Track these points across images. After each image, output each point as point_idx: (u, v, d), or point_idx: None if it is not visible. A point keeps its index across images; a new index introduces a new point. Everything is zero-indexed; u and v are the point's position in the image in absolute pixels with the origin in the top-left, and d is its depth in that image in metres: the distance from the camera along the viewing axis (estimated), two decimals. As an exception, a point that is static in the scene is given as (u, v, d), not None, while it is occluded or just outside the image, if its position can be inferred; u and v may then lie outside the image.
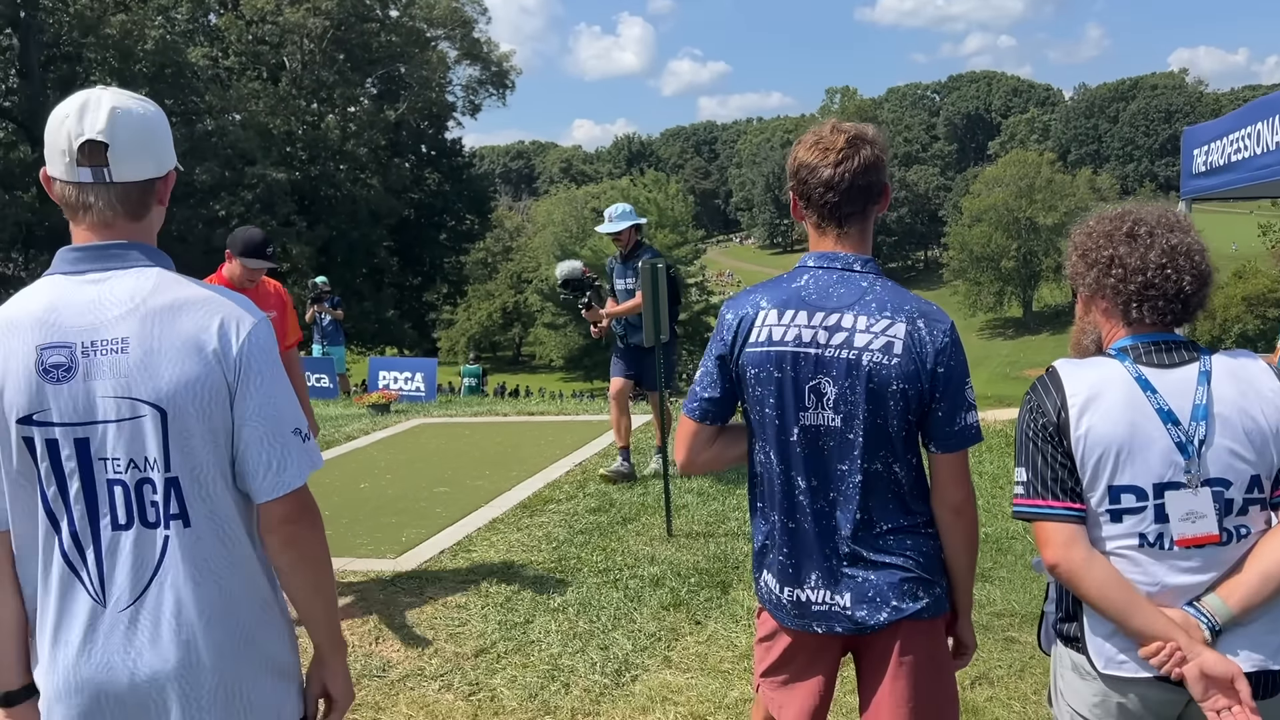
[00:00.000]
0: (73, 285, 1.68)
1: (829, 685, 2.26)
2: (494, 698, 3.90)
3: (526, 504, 6.71)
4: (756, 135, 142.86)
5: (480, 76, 53.79)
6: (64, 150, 1.66)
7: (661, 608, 4.79)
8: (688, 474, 2.25)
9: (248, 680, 1.72)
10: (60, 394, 1.63)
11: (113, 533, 1.65)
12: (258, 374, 1.68)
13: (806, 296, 2.13)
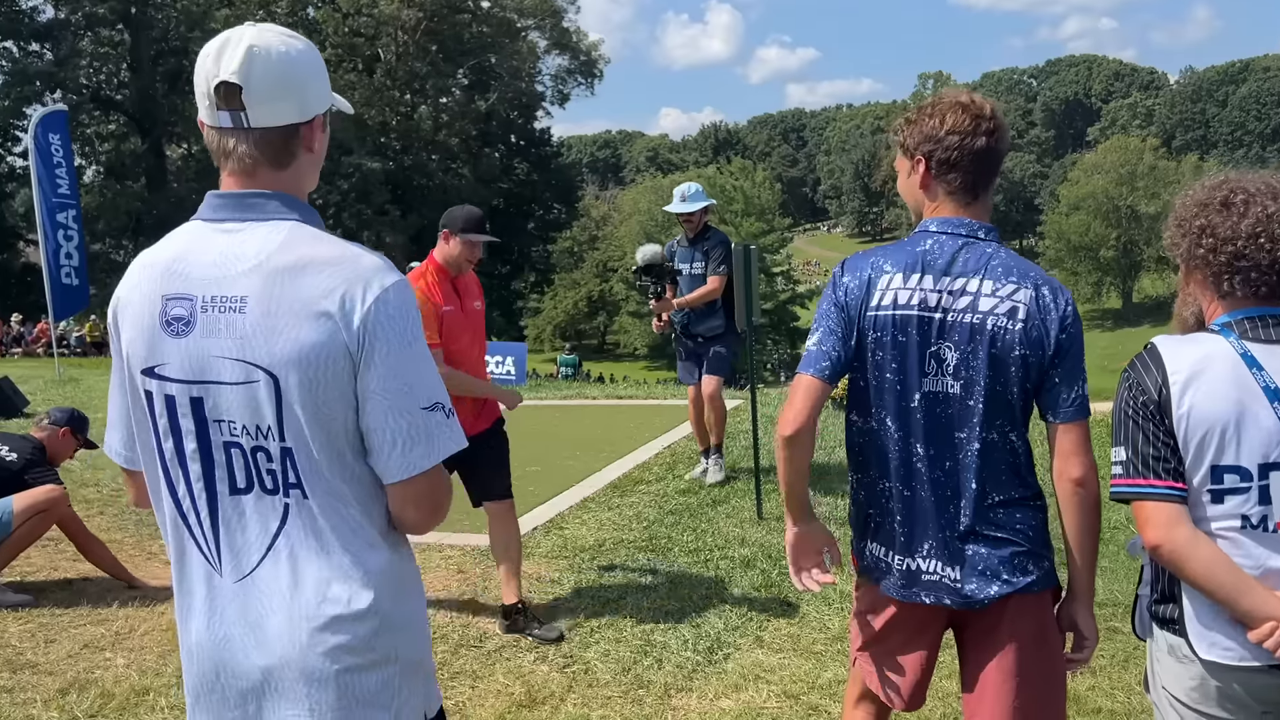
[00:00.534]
0: (208, 233, 1.57)
1: (930, 661, 2.23)
2: (588, 670, 3.95)
3: (617, 484, 6.76)
4: (846, 122, 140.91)
5: (569, 66, 54.17)
6: (204, 93, 1.55)
7: (753, 588, 4.79)
8: (792, 442, 2.12)
9: (367, 672, 1.56)
10: (179, 348, 1.52)
11: (230, 497, 1.55)
12: (384, 342, 1.49)
13: (931, 260, 2.10)
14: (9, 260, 41.52)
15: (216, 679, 1.59)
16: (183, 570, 1.61)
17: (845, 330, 2.12)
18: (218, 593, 1.57)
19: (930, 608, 2.14)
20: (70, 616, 4.41)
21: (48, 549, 5.22)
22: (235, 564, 1.56)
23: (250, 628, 1.55)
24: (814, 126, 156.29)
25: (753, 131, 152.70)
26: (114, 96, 43.88)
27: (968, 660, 2.19)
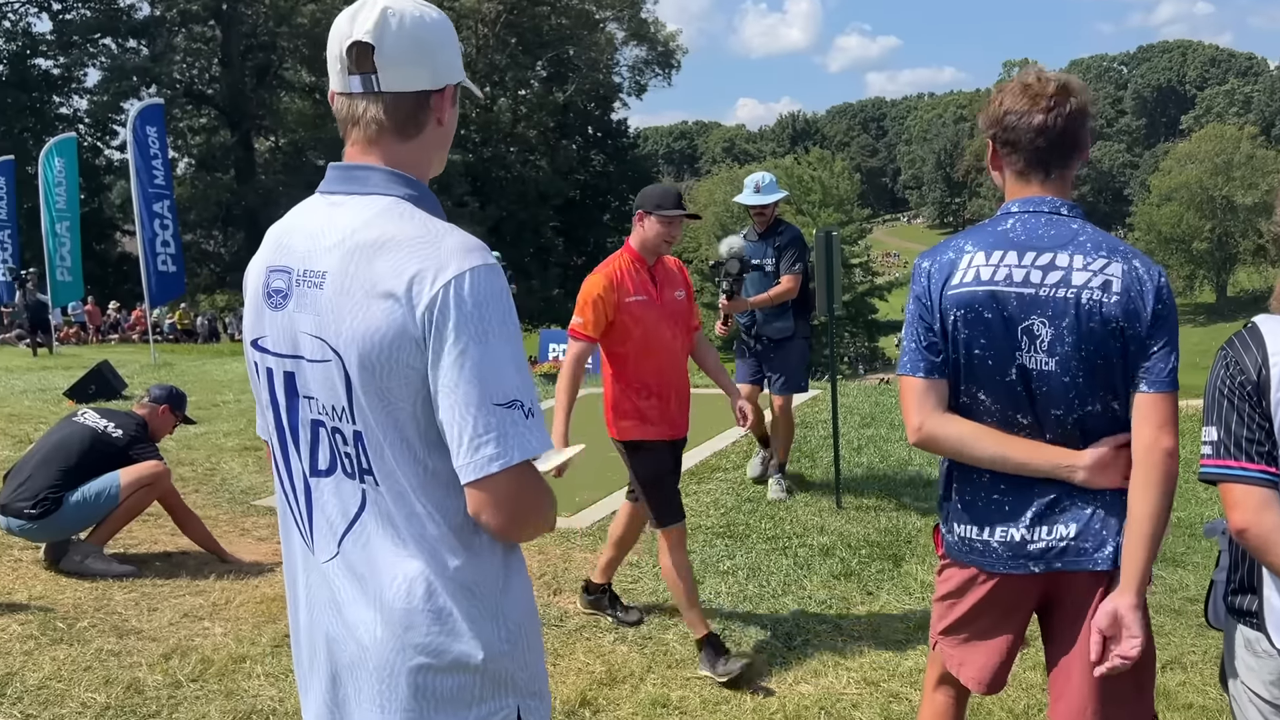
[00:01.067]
0: (317, 205, 1.53)
1: (1014, 644, 2.21)
2: (667, 651, 3.99)
3: (694, 471, 6.78)
4: (928, 111, 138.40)
5: (646, 57, 54.15)
6: (337, 56, 1.49)
7: (832, 577, 4.78)
8: (925, 445, 2.11)
9: (442, 674, 1.46)
10: (276, 321, 1.50)
11: (316, 476, 1.51)
12: (453, 331, 1.37)
13: (1015, 238, 2.09)
14: (106, 250, 43.12)
15: (312, 657, 1.58)
16: (288, 545, 1.61)
17: (929, 317, 2.12)
18: (312, 571, 1.55)
19: (1027, 583, 2.11)
20: (170, 587, 4.59)
21: (148, 523, 5.45)
22: (324, 545, 1.52)
23: (336, 611, 1.51)
24: (894, 116, 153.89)
25: (831, 121, 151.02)
26: (205, 91, 45.24)
27: (1056, 638, 2.17)
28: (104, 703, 3.36)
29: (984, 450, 2.09)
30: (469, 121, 46.70)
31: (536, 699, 1.56)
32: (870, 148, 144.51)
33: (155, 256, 16.65)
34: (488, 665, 1.47)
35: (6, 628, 3.94)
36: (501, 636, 1.49)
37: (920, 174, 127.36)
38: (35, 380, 12.58)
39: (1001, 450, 2.08)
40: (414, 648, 1.45)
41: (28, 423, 8.87)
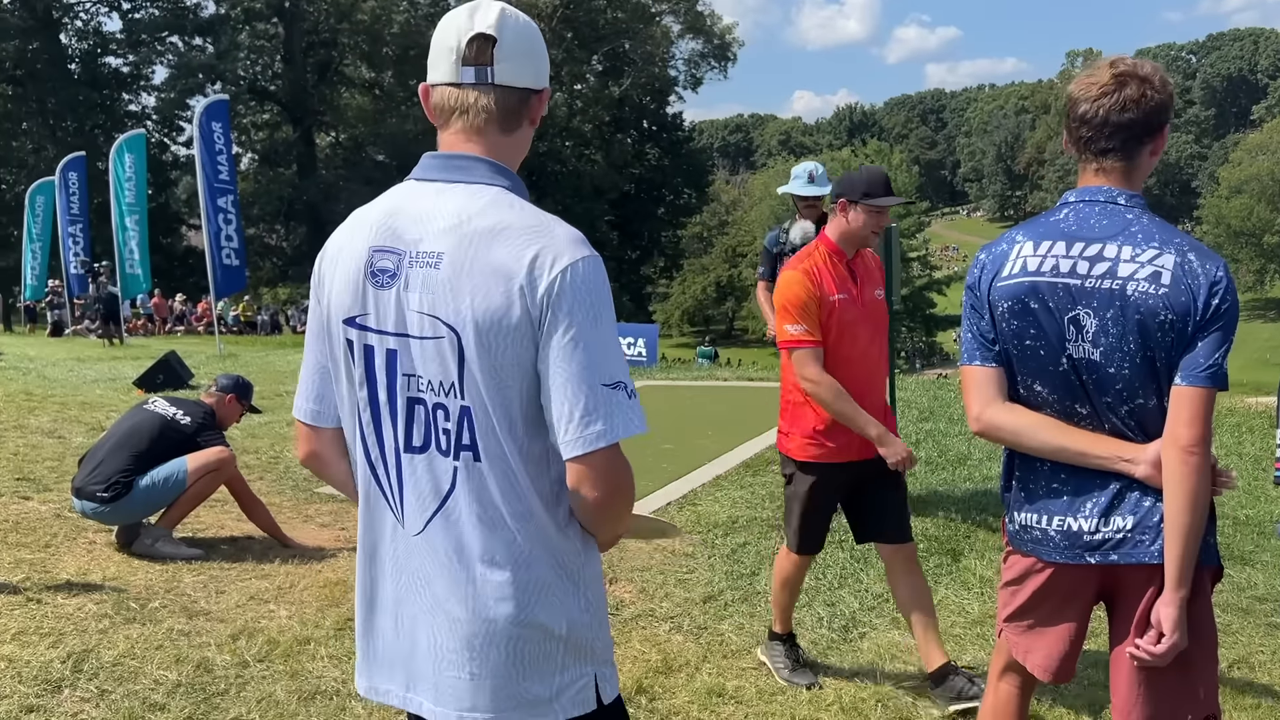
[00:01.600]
0: (419, 191, 1.59)
1: (1079, 632, 2.19)
2: (722, 641, 4.00)
3: (749, 464, 6.79)
4: (989, 102, 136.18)
5: (702, 50, 54.02)
6: (451, 48, 1.57)
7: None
8: (985, 434, 2.11)
9: (529, 642, 1.55)
10: (381, 300, 1.55)
11: (408, 453, 1.57)
12: (567, 314, 1.46)
13: (1065, 228, 2.08)
14: (173, 244, 44.17)
15: (398, 626, 1.62)
16: (370, 518, 1.65)
17: (980, 308, 2.14)
18: (400, 544, 1.60)
19: (1084, 574, 2.09)
20: (237, 570, 4.71)
21: (215, 508, 5.59)
22: (414, 518, 1.58)
23: (424, 583, 1.57)
24: (954, 107, 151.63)
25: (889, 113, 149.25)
26: (268, 87, 46.11)
27: (1115, 632, 2.14)
28: (175, 680, 3.46)
29: (1043, 440, 2.07)
30: (525, 116, 46.96)
31: (610, 668, 1.64)
32: (929, 140, 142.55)
33: (220, 250, 17.03)
34: (571, 635, 1.57)
35: (83, 606, 4.08)
36: (582, 607, 1.59)
37: (980, 166, 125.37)
38: (106, 370, 12.95)
39: (1061, 440, 2.06)
40: (505, 618, 1.54)
41: (100, 410, 9.14)
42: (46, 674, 3.42)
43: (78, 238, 24.18)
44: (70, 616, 3.97)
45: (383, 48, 43.74)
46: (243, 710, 3.28)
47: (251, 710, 3.29)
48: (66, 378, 11.96)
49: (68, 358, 15.16)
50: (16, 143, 40.90)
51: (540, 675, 1.55)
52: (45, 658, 3.54)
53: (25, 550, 4.77)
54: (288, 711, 3.29)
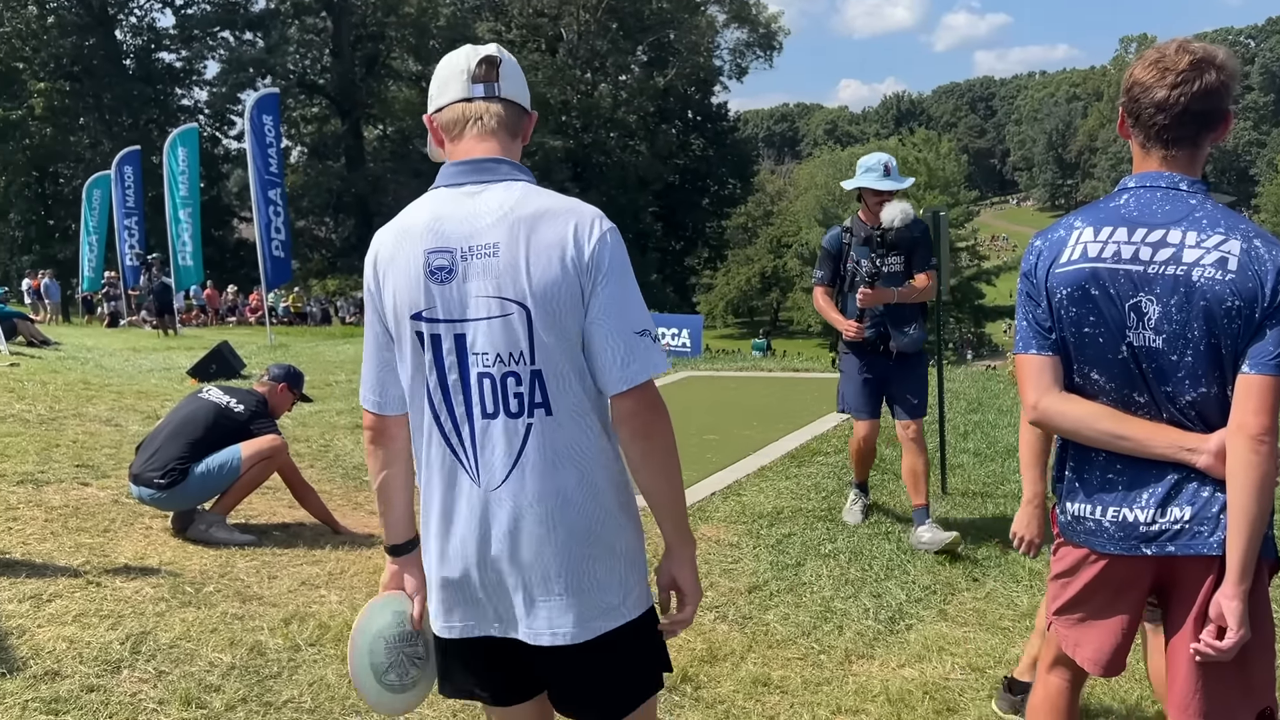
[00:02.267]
0: (454, 197, 1.84)
1: (1131, 626, 2.15)
2: (767, 631, 4.00)
3: (794, 455, 6.76)
4: (1039, 90, 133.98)
5: (748, 39, 53.77)
6: (462, 70, 1.87)
7: (936, 562, 4.71)
8: (1041, 423, 2.08)
9: (600, 561, 1.84)
10: (443, 293, 1.80)
11: (482, 420, 1.81)
12: (606, 276, 1.78)
13: (1126, 214, 2.04)
14: (224, 236, 44.90)
15: (481, 573, 1.85)
16: (446, 483, 1.87)
17: (1037, 295, 2.11)
18: (476, 502, 1.84)
19: (1139, 565, 2.06)
20: (289, 556, 4.79)
21: (267, 496, 5.69)
22: (491, 475, 1.82)
23: (506, 529, 1.82)
24: (1004, 95, 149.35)
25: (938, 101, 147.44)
26: (317, 81, 46.65)
27: (1171, 624, 2.10)
28: (230, 662, 3.53)
29: (1101, 430, 2.04)
30: (570, 107, 47.07)
31: (647, 580, 1.94)
32: (978, 128, 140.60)
33: (270, 242, 17.29)
34: (628, 551, 1.89)
35: (140, 590, 4.18)
36: (633, 529, 1.91)
37: (1030, 155, 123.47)
38: (160, 360, 13.23)
39: (1119, 430, 2.03)
40: (583, 544, 1.83)
41: (155, 399, 9.34)
42: (106, 655, 3.50)
43: (133, 230, 24.69)
44: (128, 599, 4.06)
45: (429, 40, 44.03)
46: (295, 693, 3.34)
47: (304, 693, 3.34)
48: (123, 367, 12.24)
49: (124, 348, 15.50)
50: (74, 138, 41.79)
51: (611, 586, 1.85)
52: (105, 639, 3.63)
53: (85, 535, 4.89)
54: (338, 695, 3.34)
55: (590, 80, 49.12)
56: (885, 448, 6.83)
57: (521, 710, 1.99)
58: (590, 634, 1.84)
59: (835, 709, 3.36)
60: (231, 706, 3.21)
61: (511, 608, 1.85)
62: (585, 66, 48.31)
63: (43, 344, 14.65)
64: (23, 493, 5.55)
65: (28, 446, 6.67)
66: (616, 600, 1.86)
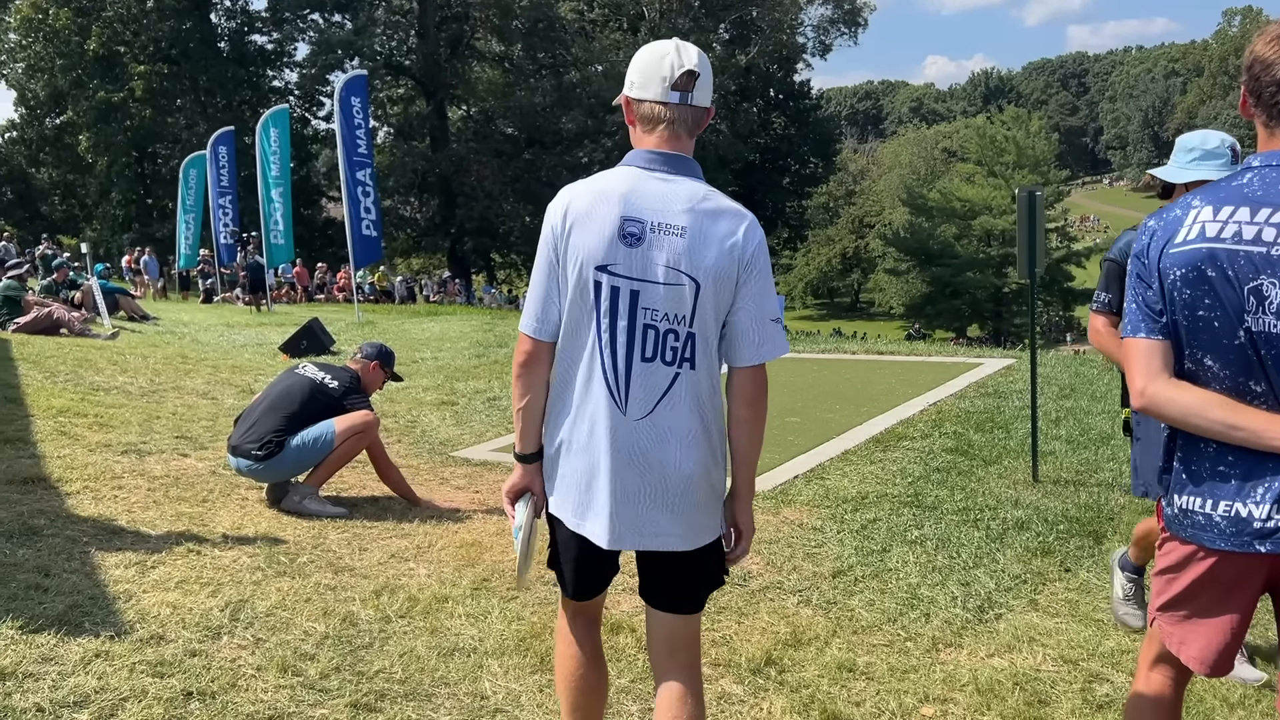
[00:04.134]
0: (646, 177, 2.21)
1: (1242, 624, 2.07)
2: (852, 617, 3.96)
3: (879, 439, 6.67)
4: (1135, 66, 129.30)
5: (832, 15, 52.87)
6: (664, 77, 2.19)
7: (1026, 551, 4.60)
8: (1149, 410, 2.00)
9: (710, 491, 2.27)
10: (630, 254, 2.17)
11: (641, 363, 2.19)
12: (758, 271, 2.20)
13: (1250, 193, 1.93)
14: (313, 215, 45.93)
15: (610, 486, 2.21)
16: (595, 410, 2.22)
17: (1148, 276, 2.02)
18: (620, 426, 2.21)
19: (1251, 562, 1.97)
20: (379, 529, 4.90)
21: (358, 470, 5.82)
22: (638, 408, 2.20)
23: (641, 453, 2.21)
24: (1097, 71, 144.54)
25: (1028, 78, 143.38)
26: (403, 62, 47.25)
27: None
28: (324, 632, 3.63)
29: (1212, 419, 1.95)
30: (651, 86, 46.82)
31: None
32: (1070, 106, 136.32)
33: (359, 221, 17.63)
34: (720, 486, 2.33)
35: (238, 559, 4.32)
36: (724, 467, 2.33)
37: (1125, 133, 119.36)
38: (254, 335, 13.61)
39: (1232, 420, 1.94)
40: (700, 474, 2.25)
41: (248, 373, 9.62)
42: (207, 621, 3.63)
43: (227, 209, 25.43)
44: (227, 568, 4.20)
45: (513, 21, 44.25)
46: (386, 663, 3.42)
47: (394, 664, 3.42)
48: (217, 342, 12.63)
49: (218, 323, 15.99)
50: (171, 119, 43.10)
51: (711, 510, 2.30)
52: (205, 606, 3.76)
53: (185, 504, 5.08)
54: (428, 666, 3.41)
55: (671, 59, 48.85)
56: (973, 433, 6.70)
57: (596, 600, 2.48)
58: (692, 545, 2.27)
59: (923, 697, 3.31)
60: (325, 675, 3.30)
61: (634, 518, 2.23)
62: (667, 45, 48.06)
63: (142, 319, 15.19)
64: (127, 462, 5.78)
65: (131, 418, 6.94)
66: (711, 522, 2.30)
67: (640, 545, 2.27)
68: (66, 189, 46.90)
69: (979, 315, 47.67)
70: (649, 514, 2.23)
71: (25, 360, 8.84)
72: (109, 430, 6.50)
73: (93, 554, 4.21)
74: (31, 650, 3.23)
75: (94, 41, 40.53)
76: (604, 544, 2.26)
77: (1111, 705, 3.24)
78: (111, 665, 3.20)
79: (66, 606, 3.60)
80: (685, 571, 2.33)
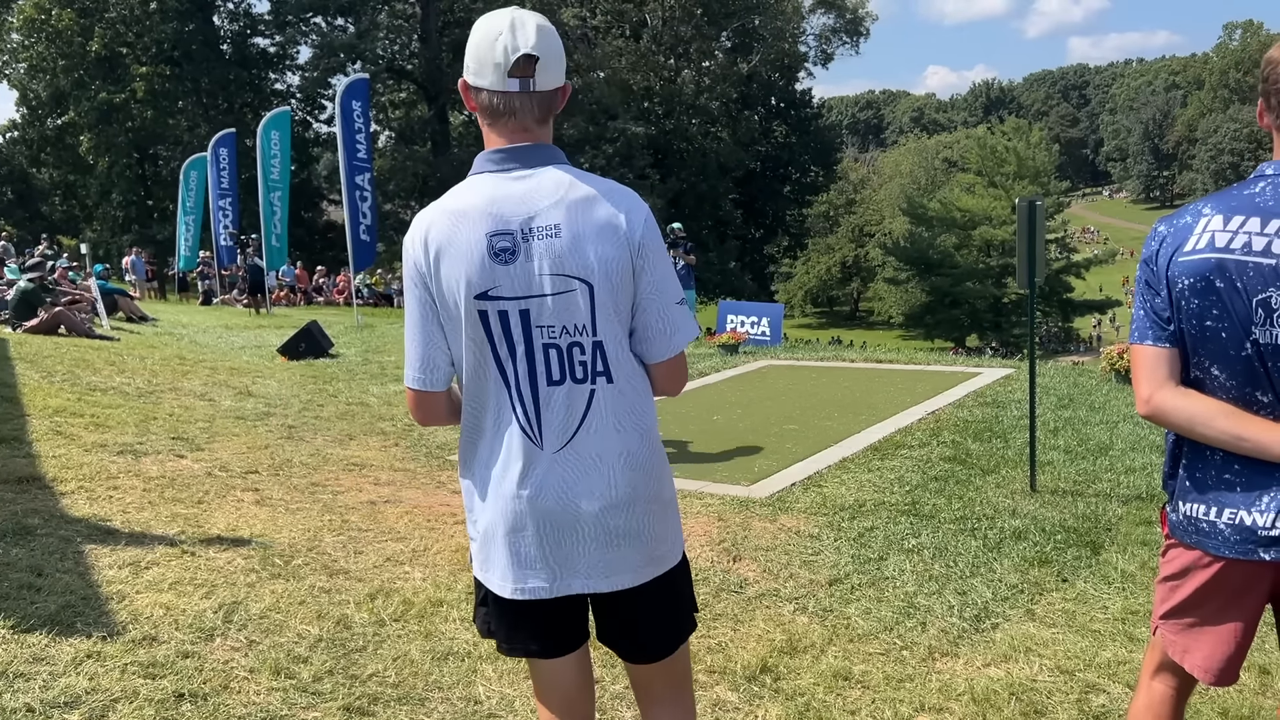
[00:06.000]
0: (503, 180, 1.92)
1: (1247, 633, 2.05)
2: (849, 625, 3.94)
3: (877, 447, 6.66)
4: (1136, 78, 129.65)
5: (834, 25, 53.04)
6: (498, 64, 1.87)
7: (1024, 561, 4.59)
8: (1154, 418, 2.00)
9: (655, 513, 2.00)
10: (508, 273, 1.88)
11: (548, 388, 1.92)
12: (652, 253, 1.93)
13: (1262, 203, 1.92)
14: (313, 218, 45.95)
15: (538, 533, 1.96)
16: (508, 449, 1.96)
17: (1156, 284, 2.01)
18: (538, 462, 1.94)
19: (1256, 570, 1.96)
20: (374, 533, 4.89)
21: (354, 473, 5.81)
22: (555, 438, 1.94)
23: (568, 486, 1.94)
24: (1098, 84, 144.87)
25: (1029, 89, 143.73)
26: (405, 66, 47.33)
27: None
28: (317, 635, 3.61)
29: (1218, 428, 1.94)
30: (652, 93, 47.02)
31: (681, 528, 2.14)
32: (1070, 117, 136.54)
33: (358, 226, 17.62)
34: (673, 501, 2.08)
35: (232, 561, 4.30)
36: (671, 480, 2.09)
37: (1125, 145, 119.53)
38: (252, 338, 13.60)
39: (1237, 430, 1.93)
40: (644, 498, 1.98)
41: (246, 375, 9.61)
42: (200, 622, 3.61)
43: (227, 211, 25.42)
44: (221, 570, 4.18)
45: (515, 26, 44.30)
46: (379, 667, 3.40)
47: (388, 668, 3.40)
48: (216, 344, 12.62)
49: (216, 325, 15.98)
50: (173, 120, 43.12)
51: (663, 535, 2.03)
52: (199, 607, 3.74)
53: (180, 505, 5.06)
54: (422, 670, 3.39)
55: (673, 66, 48.92)
56: (971, 442, 6.69)
57: (568, 661, 2.11)
58: (645, 578, 2.00)
59: (918, 706, 3.30)
60: (318, 678, 3.28)
61: (570, 561, 1.96)
62: (669, 52, 48.13)
63: (140, 320, 15.18)
64: (122, 463, 5.76)
65: (127, 418, 6.92)
66: (664, 548, 2.04)
67: (587, 588, 1.98)
68: (67, 189, 46.88)
69: (978, 325, 47.65)
70: (590, 553, 1.96)
71: (22, 360, 8.82)
72: (105, 430, 6.49)
73: (86, 554, 4.19)
74: (23, 650, 3.21)
75: (96, 42, 40.58)
76: (547, 594, 1.98)
77: (1108, 716, 3.22)
78: (103, 666, 3.18)
79: (59, 606, 3.59)
80: (646, 611, 2.05)
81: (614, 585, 1.99)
